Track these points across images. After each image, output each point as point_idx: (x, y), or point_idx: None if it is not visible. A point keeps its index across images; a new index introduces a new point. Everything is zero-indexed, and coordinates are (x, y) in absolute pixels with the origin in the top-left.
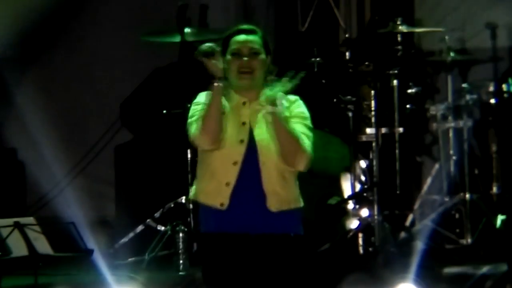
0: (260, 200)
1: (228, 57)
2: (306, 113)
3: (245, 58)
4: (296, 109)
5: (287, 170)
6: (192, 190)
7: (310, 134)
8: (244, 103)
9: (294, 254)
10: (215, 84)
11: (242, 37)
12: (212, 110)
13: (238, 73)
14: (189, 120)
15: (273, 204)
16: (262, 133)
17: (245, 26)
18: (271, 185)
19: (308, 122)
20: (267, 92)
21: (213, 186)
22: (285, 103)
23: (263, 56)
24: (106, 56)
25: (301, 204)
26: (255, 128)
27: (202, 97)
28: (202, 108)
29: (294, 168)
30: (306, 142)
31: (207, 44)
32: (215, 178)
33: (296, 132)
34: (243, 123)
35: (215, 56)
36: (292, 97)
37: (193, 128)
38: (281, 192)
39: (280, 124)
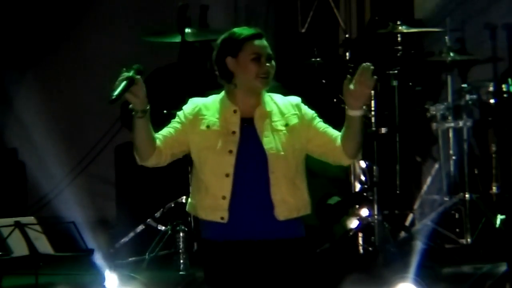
0: (264, 209)
1: (244, 59)
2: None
3: (268, 64)
4: (308, 111)
5: (298, 177)
6: (189, 205)
7: None
8: (234, 111)
9: (296, 257)
10: (138, 116)
11: (259, 42)
12: (137, 141)
13: (256, 77)
14: None
15: (282, 213)
16: (271, 141)
17: (256, 30)
18: (280, 194)
19: None
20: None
21: (210, 201)
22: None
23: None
24: (106, 56)
25: (309, 211)
26: (263, 137)
27: (188, 106)
28: (169, 126)
29: (351, 160)
30: None
31: (126, 74)
32: (210, 192)
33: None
34: (233, 132)
35: (136, 84)
36: (293, 100)
37: None
38: (290, 200)
39: (361, 123)
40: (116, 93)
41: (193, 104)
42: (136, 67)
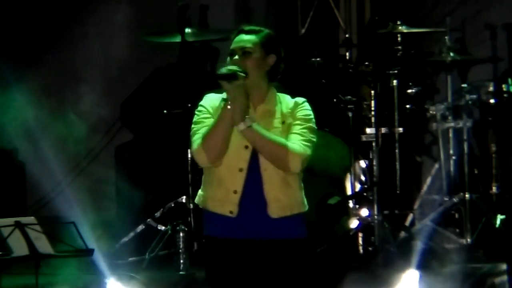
0: (263, 207)
1: (228, 59)
2: (309, 115)
3: (236, 57)
4: (299, 113)
5: (291, 175)
6: (199, 197)
7: (309, 135)
8: (248, 107)
9: (297, 258)
10: (228, 107)
11: (238, 37)
12: (220, 131)
13: None
14: (193, 128)
15: (274, 211)
16: None
17: (245, 27)
18: (272, 191)
19: (311, 124)
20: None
21: (221, 194)
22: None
23: (256, 55)
24: (106, 55)
25: (305, 208)
26: None
27: (207, 100)
28: (205, 119)
29: (288, 171)
30: (297, 142)
31: (228, 67)
32: (223, 185)
33: (275, 137)
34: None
35: (236, 79)
36: (299, 100)
37: (195, 143)
38: (283, 198)
39: (255, 135)
40: (226, 71)
41: (211, 98)
42: (235, 70)
